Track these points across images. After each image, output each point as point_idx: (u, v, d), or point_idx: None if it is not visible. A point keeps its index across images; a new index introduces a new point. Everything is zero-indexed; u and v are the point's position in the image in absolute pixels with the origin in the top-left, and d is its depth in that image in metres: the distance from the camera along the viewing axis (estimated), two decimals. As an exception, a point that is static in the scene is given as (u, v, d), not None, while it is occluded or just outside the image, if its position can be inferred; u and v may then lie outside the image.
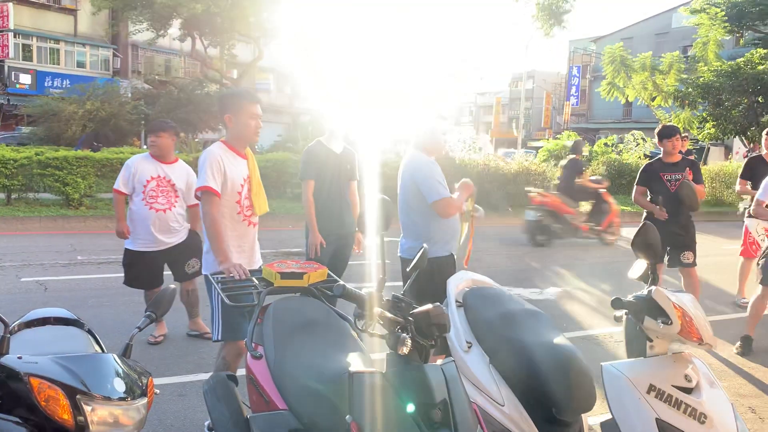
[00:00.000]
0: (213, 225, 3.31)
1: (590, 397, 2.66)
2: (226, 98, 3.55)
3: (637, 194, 5.99)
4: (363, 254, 5.17)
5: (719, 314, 6.59)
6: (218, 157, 3.39)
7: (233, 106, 3.43)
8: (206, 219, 3.34)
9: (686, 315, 2.34)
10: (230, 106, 3.44)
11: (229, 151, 3.48)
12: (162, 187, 4.99)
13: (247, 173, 3.53)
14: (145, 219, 4.94)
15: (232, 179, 3.41)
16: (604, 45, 27.63)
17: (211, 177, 3.33)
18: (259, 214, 3.60)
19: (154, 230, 4.95)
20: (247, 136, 3.48)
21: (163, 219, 4.97)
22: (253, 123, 3.44)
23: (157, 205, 4.95)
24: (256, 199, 3.56)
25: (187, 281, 5.20)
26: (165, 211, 4.96)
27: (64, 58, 29.34)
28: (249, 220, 3.55)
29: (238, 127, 3.44)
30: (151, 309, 2.16)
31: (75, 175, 11.17)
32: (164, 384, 4.22)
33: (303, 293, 2.90)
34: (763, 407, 4.26)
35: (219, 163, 3.37)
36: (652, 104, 21.05)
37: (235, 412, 2.43)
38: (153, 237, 4.97)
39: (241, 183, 3.47)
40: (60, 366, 1.74)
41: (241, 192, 3.47)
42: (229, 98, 3.53)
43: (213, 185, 3.32)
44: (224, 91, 4.36)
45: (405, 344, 1.83)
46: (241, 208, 3.49)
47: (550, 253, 10.13)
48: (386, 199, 2.12)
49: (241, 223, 3.51)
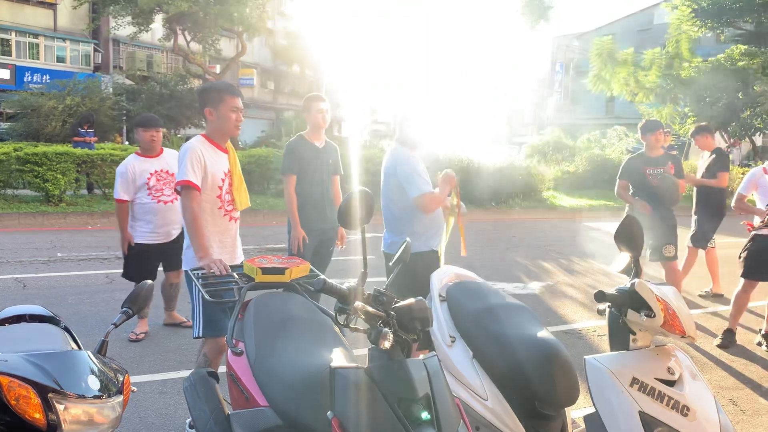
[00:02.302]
0: (193, 220, 3.26)
1: (573, 390, 2.66)
2: (205, 91, 3.49)
3: (619, 188, 6.02)
4: (346, 249, 5.14)
5: (700, 308, 6.65)
6: (198, 151, 3.34)
7: (213, 99, 3.38)
8: (186, 214, 3.29)
9: (669, 308, 2.33)
10: (210, 100, 3.39)
11: (210, 145, 3.43)
12: (163, 180, 5.04)
13: (228, 167, 3.49)
14: (154, 213, 4.99)
15: (212, 173, 3.37)
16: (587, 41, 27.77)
17: (191, 171, 3.28)
18: (241, 209, 3.56)
19: (162, 223, 5.01)
20: (227, 129, 3.43)
21: (172, 210, 5.02)
22: (234, 116, 3.39)
23: (164, 197, 5.01)
24: (237, 194, 3.51)
25: (175, 273, 5.20)
26: (172, 201, 5.01)
27: (44, 53, 28.91)
28: (230, 215, 3.50)
29: (219, 121, 3.39)
30: (127, 305, 2.12)
31: (55, 171, 11.01)
32: (145, 382, 4.18)
33: (285, 289, 2.87)
34: (744, 399, 4.30)
35: (199, 157, 3.32)
36: (635, 100, 21.19)
37: (216, 410, 2.40)
38: (161, 230, 5.03)
39: (222, 177, 3.43)
40: (31, 364, 1.70)
41: (222, 186, 3.43)
42: (209, 91, 3.47)
43: (193, 179, 3.27)
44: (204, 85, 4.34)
45: (387, 339, 1.81)
46: (222, 202, 3.44)
47: (533, 249, 10.16)
48: (367, 191, 2.09)
49: (222, 218, 3.46)
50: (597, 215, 15.22)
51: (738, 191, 5.51)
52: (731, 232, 9.23)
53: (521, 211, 14.55)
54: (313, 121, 4.78)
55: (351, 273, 6.60)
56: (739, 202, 5.48)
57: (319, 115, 4.74)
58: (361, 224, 2.09)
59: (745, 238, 5.38)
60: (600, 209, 15.99)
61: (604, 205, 16.13)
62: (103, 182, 11.85)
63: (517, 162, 16.15)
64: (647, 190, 5.71)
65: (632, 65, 20.43)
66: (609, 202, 15.69)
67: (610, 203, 15.58)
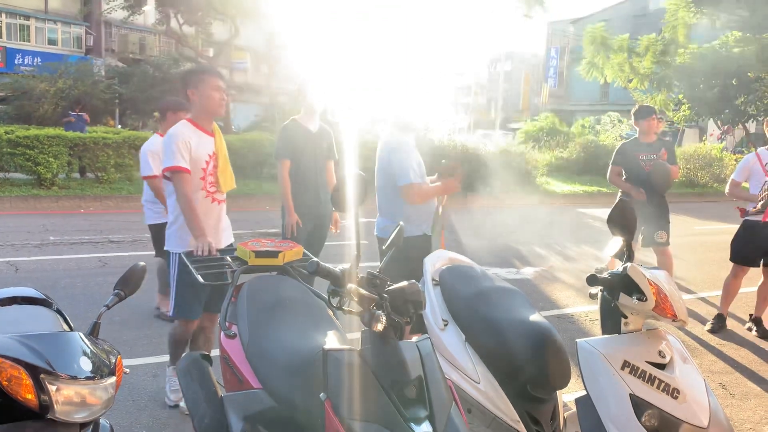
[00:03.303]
0: (188, 203, 3.31)
1: (565, 374, 2.68)
2: (187, 74, 3.54)
3: (612, 174, 6.03)
4: (340, 234, 5.14)
5: (692, 293, 6.69)
6: (183, 135, 3.37)
7: (194, 80, 3.42)
8: (180, 198, 3.32)
9: (661, 292, 2.35)
10: (192, 81, 3.43)
11: (194, 128, 3.45)
12: None
13: (213, 150, 3.50)
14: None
15: (196, 156, 3.39)
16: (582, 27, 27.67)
17: (180, 156, 3.31)
18: (225, 191, 3.57)
19: None
20: (211, 108, 3.44)
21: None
22: (217, 95, 3.42)
23: None
24: (221, 176, 3.53)
25: None
26: None
27: (35, 35, 28.59)
28: (213, 197, 3.52)
29: (202, 101, 3.42)
30: (119, 287, 2.11)
31: (47, 155, 10.93)
32: (138, 365, 4.18)
33: (278, 272, 2.87)
34: (733, 383, 4.34)
35: (185, 142, 3.35)
36: (629, 86, 21.18)
37: (209, 392, 2.41)
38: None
39: (206, 160, 3.45)
40: (23, 345, 1.69)
41: (206, 168, 3.45)
42: (190, 73, 3.52)
43: (182, 164, 3.31)
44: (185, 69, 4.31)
45: (380, 321, 1.81)
46: (205, 184, 3.46)
47: (527, 235, 10.18)
48: (361, 174, 2.08)
49: (204, 200, 3.48)
50: (590, 201, 15.27)
51: (731, 177, 5.53)
52: (724, 219, 9.28)
53: (515, 196, 14.56)
54: (307, 105, 4.75)
55: (345, 258, 6.59)
56: (733, 188, 5.50)
57: (314, 98, 4.72)
58: (354, 207, 2.09)
59: (734, 224, 5.42)
60: (593, 195, 16.03)
61: (598, 191, 16.17)
62: (95, 166, 11.77)
63: (512, 148, 16.13)
64: (640, 176, 5.72)
65: (627, 51, 20.40)
66: (602, 188, 15.71)
67: (604, 189, 15.61)
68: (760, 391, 4.23)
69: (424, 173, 3.96)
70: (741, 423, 3.75)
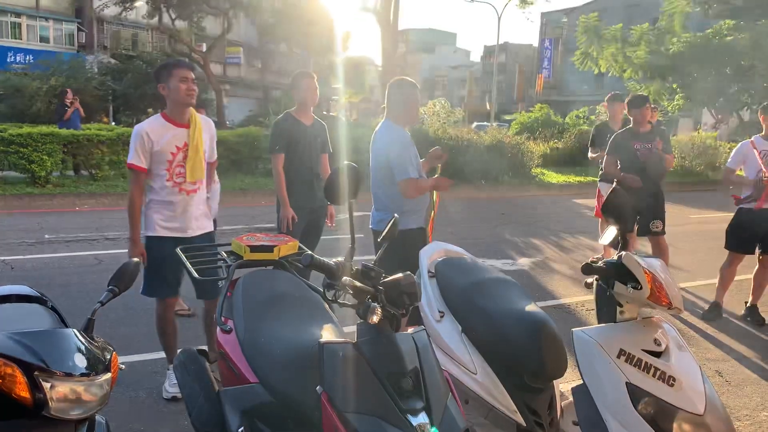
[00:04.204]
0: (132, 203, 3.54)
1: (561, 363, 2.69)
2: (157, 70, 3.63)
3: (607, 164, 6.03)
4: (335, 228, 5.14)
5: (687, 281, 6.71)
6: (142, 132, 3.48)
7: (163, 75, 3.52)
8: (129, 196, 3.56)
9: (656, 280, 2.35)
10: (161, 76, 3.53)
11: (164, 122, 3.56)
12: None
13: (185, 141, 3.57)
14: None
15: (159, 149, 3.50)
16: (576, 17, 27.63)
17: (135, 154, 3.48)
18: (191, 180, 3.62)
19: None
20: (178, 100, 3.51)
21: None
22: (183, 86, 3.49)
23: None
24: (189, 165, 3.58)
25: None
26: None
27: (27, 33, 28.45)
28: (180, 187, 3.60)
29: (170, 94, 3.51)
30: (113, 283, 2.11)
31: (41, 153, 10.87)
32: (136, 361, 4.18)
33: (274, 266, 2.87)
34: (729, 371, 4.36)
35: (144, 139, 3.47)
36: (624, 75, 21.16)
37: (206, 387, 2.40)
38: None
39: (173, 152, 3.54)
40: (16, 342, 1.68)
41: (172, 161, 3.55)
42: (159, 69, 3.61)
43: (137, 162, 3.49)
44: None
45: (375, 313, 1.81)
46: (170, 175, 3.56)
47: (522, 226, 10.20)
48: (354, 166, 2.07)
49: (171, 189, 3.58)
50: (585, 191, 15.27)
51: (727, 165, 5.54)
52: (719, 207, 9.31)
53: (510, 188, 14.57)
54: (301, 99, 4.72)
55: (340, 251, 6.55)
56: (728, 175, 5.51)
57: (308, 92, 4.69)
58: (348, 199, 2.08)
59: (729, 212, 5.43)
60: (588, 185, 16.03)
61: (593, 182, 16.15)
62: (90, 163, 11.71)
63: (507, 139, 16.10)
64: (635, 166, 5.72)
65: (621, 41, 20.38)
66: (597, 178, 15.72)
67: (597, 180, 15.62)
68: (755, 378, 4.25)
69: (420, 167, 3.95)
70: (737, 410, 3.77)
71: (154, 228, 3.58)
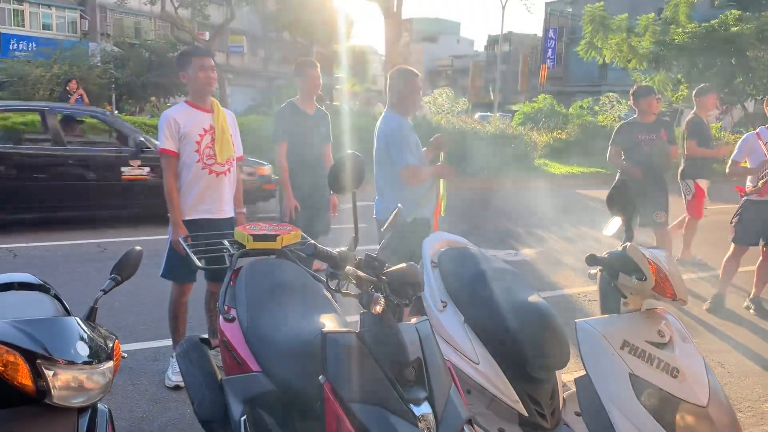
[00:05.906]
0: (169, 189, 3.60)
1: (564, 354, 2.68)
2: (178, 58, 3.69)
3: (612, 154, 6.00)
4: (339, 218, 5.13)
5: (690, 272, 6.70)
6: (170, 117, 3.54)
7: (184, 63, 3.59)
8: (164, 181, 3.60)
9: (660, 271, 2.34)
10: (182, 65, 3.60)
11: (188, 107, 3.62)
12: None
13: (210, 124, 3.62)
14: None
15: (187, 132, 3.54)
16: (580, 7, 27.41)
17: (165, 138, 3.53)
18: (221, 160, 3.66)
19: None
20: (199, 88, 3.58)
21: None
22: (202, 74, 3.55)
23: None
24: (217, 146, 3.62)
25: None
26: None
27: (29, 20, 28.39)
28: (210, 169, 3.62)
29: (191, 82, 3.59)
30: (115, 272, 2.11)
31: (43, 141, 10.87)
32: (138, 349, 4.19)
33: (277, 255, 2.86)
34: (732, 362, 4.36)
35: (171, 123, 3.53)
36: (629, 66, 21.02)
37: (209, 376, 2.41)
38: None
39: (200, 134, 3.58)
40: (19, 330, 1.68)
41: (200, 142, 3.58)
42: (180, 57, 3.67)
43: (168, 146, 3.53)
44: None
45: (378, 303, 1.80)
46: (201, 156, 3.58)
47: (526, 216, 10.17)
48: (357, 154, 2.06)
49: (201, 171, 3.60)
50: (589, 182, 15.24)
51: (732, 158, 5.50)
52: (723, 198, 9.28)
53: (513, 178, 14.52)
54: (304, 87, 4.71)
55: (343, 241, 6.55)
56: (733, 168, 5.48)
57: (311, 80, 4.67)
58: (351, 188, 2.07)
59: (737, 204, 5.40)
60: (592, 176, 15.99)
61: (597, 172, 16.12)
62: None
63: (510, 130, 16.03)
64: (639, 156, 5.70)
65: (626, 31, 20.21)
66: (601, 169, 15.66)
67: (602, 170, 15.57)
68: (758, 370, 4.25)
69: (422, 155, 3.93)
70: (740, 401, 3.77)
71: (183, 211, 3.61)
